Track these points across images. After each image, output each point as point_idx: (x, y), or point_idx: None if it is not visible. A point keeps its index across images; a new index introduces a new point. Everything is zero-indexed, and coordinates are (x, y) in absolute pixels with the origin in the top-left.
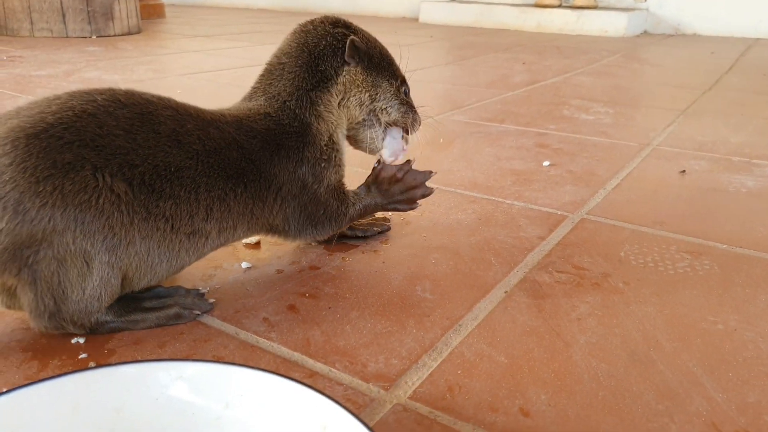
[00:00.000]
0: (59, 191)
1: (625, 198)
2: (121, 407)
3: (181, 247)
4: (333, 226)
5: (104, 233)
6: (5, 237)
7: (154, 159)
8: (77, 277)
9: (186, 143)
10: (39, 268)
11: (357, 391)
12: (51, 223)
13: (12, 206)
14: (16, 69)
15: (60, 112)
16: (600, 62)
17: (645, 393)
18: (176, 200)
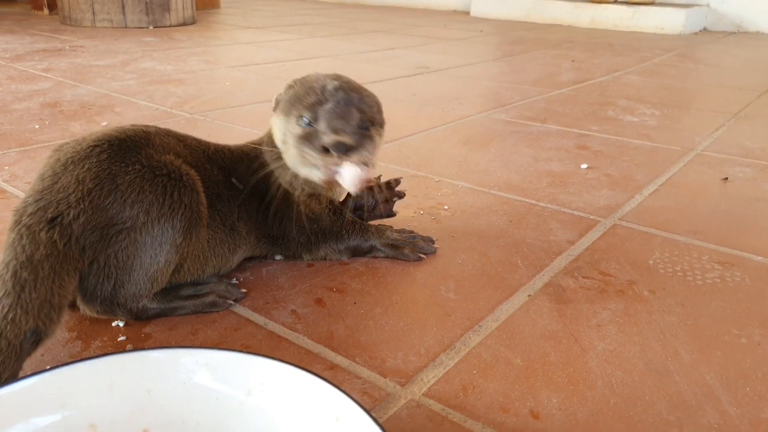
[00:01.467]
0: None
1: (661, 204)
2: (151, 389)
3: (225, 240)
4: (330, 241)
5: (191, 212)
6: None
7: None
8: (148, 260)
9: (214, 159)
10: (114, 251)
11: (374, 385)
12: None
13: (107, 185)
14: (77, 58)
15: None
16: (652, 61)
17: (657, 403)
18: (221, 198)
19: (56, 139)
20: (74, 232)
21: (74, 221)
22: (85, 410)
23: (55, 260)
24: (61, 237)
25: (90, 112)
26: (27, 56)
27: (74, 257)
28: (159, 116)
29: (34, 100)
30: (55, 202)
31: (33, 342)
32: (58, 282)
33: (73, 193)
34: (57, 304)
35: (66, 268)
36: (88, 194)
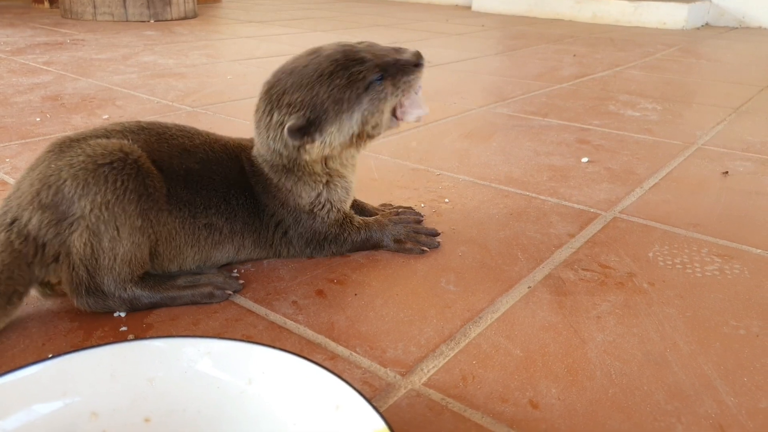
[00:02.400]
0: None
1: (661, 198)
2: (153, 377)
3: (200, 235)
4: (332, 249)
5: (138, 196)
6: (49, 213)
7: (170, 159)
8: (108, 243)
9: (194, 152)
10: (72, 241)
11: (374, 375)
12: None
13: (54, 184)
14: (78, 52)
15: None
16: (654, 56)
17: (655, 393)
18: (190, 190)
19: (57, 132)
20: (30, 233)
21: (28, 223)
22: (87, 398)
23: (8, 256)
24: (18, 237)
25: (91, 105)
26: (28, 49)
27: (29, 254)
28: (160, 109)
29: (36, 93)
30: (14, 206)
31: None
32: (8, 273)
33: (26, 197)
34: (3, 292)
35: (19, 264)
36: (37, 195)
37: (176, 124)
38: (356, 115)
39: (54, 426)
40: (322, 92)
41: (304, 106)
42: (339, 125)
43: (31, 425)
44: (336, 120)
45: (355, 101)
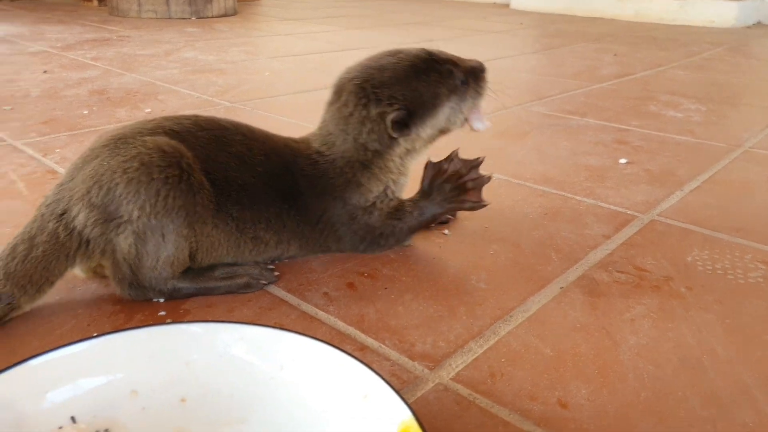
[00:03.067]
0: (145, 169)
1: (702, 201)
2: (189, 360)
3: (245, 247)
4: (391, 243)
5: (186, 209)
6: (97, 212)
7: (225, 171)
8: (153, 247)
9: (251, 164)
10: (118, 242)
11: (403, 368)
12: (135, 197)
13: (105, 185)
14: (123, 48)
15: (154, 130)
16: (700, 55)
17: (690, 398)
18: (242, 206)
19: (103, 124)
20: (76, 227)
21: (76, 217)
22: (128, 376)
23: (50, 246)
24: (64, 230)
25: (135, 99)
26: (77, 45)
27: (74, 248)
28: (200, 104)
29: (83, 87)
30: (66, 198)
31: (6, 305)
32: (44, 263)
33: (77, 192)
34: (36, 281)
35: (58, 255)
36: (87, 193)
37: (232, 122)
38: (447, 110)
39: (97, 401)
40: (420, 87)
41: (406, 99)
42: (432, 120)
43: (77, 399)
44: (431, 114)
45: (447, 98)
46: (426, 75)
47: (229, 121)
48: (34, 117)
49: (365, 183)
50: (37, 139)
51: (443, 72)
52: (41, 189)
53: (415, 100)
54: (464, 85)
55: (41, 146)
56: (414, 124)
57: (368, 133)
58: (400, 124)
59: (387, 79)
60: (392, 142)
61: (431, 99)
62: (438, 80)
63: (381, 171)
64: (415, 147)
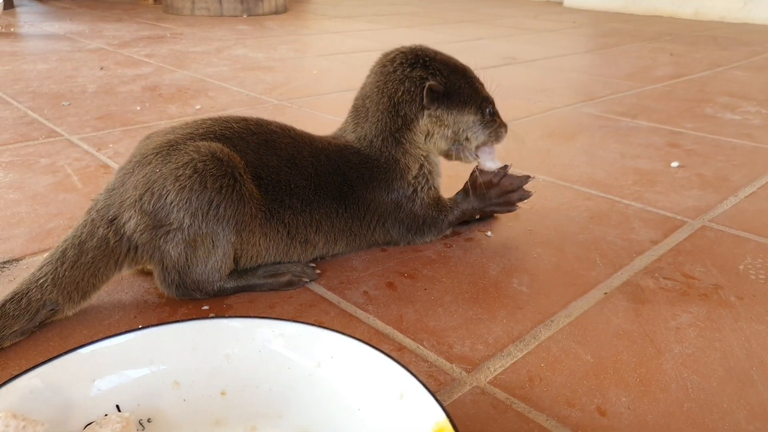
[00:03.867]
0: (198, 177)
1: (758, 208)
2: (230, 354)
3: (294, 252)
4: (433, 233)
5: (236, 218)
6: (147, 218)
7: (277, 176)
8: (202, 254)
9: (302, 166)
10: (167, 249)
11: (440, 370)
12: (186, 204)
13: (157, 192)
14: (176, 45)
15: (205, 135)
16: (762, 55)
17: (736, 411)
18: (294, 211)
19: (154, 120)
20: (126, 232)
21: (126, 223)
22: (171, 368)
23: (99, 252)
24: (114, 235)
25: (185, 95)
26: (132, 43)
27: (122, 253)
28: (249, 101)
29: (137, 84)
30: (117, 204)
31: (50, 311)
32: (93, 270)
33: (129, 198)
34: (83, 288)
35: (106, 261)
36: (139, 200)
37: (279, 124)
38: (471, 118)
39: (142, 390)
40: (462, 82)
41: (447, 80)
42: (458, 115)
43: (122, 387)
44: (459, 109)
45: (476, 109)
46: (471, 78)
47: (277, 124)
48: (90, 112)
49: (401, 158)
50: (92, 134)
51: (482, 90)
52: (95, 183)
53: (453, 87)
54: (491, 116)
55: (96, 141)
56: (443, 105)
57: (404, 92)
58: (435, 95)
59: (438, 58)
60: (419, 112)
61: (466, 97)
62: (477, 89)
63: (411, 146)
64: (434, 133)
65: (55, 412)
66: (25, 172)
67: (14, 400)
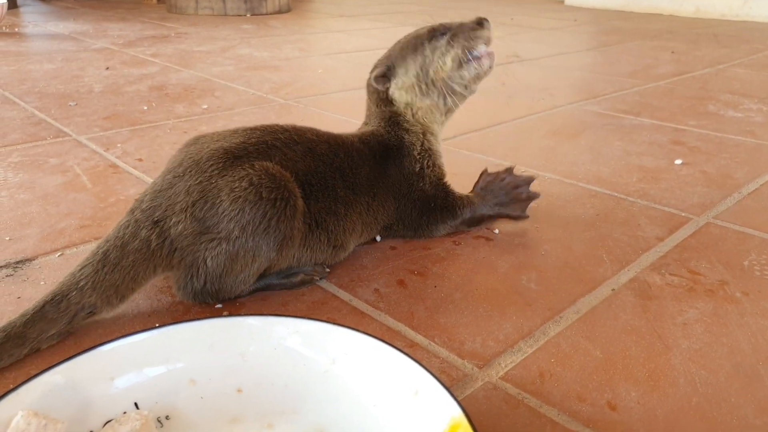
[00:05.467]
0: (254, 189)
1: (761, 204)
2: (245, 352)
3: (327, 255)
4: (447, 219)
5: (284, 233)
6: (197, 224)
7: (324, 182)
8: (239, 267)
9: (341, 169)
10: (205, 256)
11: (452, 366)
12: (239, 215)
13: (211, 200)
14: (181, 44)
15: (257, 144)
16: (763, 53)
17: (744, 406)
18: (337, 216)
19: (162, 120)
20: (170, 235)
21: (173, 227)
22: (187, 366)
23: (140, 256)
24: (157, 238)
25: (192, 95)
26: (137, 42)
27: (161, 256)
28: (255, 101)
29: (143, 83)
30: (164, 206)
31: (87, 313)
32: (132, 274)
33: (180, 203)
34: (122, 291)
35: (146, 265)
36: (192, 206)
37: (310, 128)
38: (419, 58)
39: (159, 388)
40: (396, 47)
41: (389, 60)
42: (405, 67)
43: (140, 386)
44: (402, 63)
45: (419, 48)
46: (410, 38)
47: (309, 128)
48: (98, 112)
49: (405, 135)
50: (100, 134)
51: (419, 30)
52: (104, 182)
53: (391, 57)
54: (442, 37)
55: (104, 141)
56: (393, 75)
57: (371, 95)
58: (381, 78)
59: (386, 53)
60: (385, 95)
61: (401, 51)
62: (412, 36)
63: (409, 125)
64: (413, 99)
65: (74, 410)
66: (34, 172)
67: (34, 399)
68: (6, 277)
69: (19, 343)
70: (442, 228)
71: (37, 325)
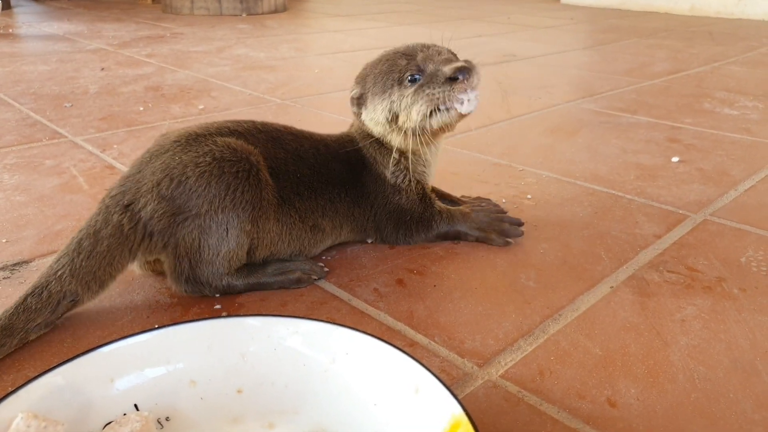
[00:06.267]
0: (217, 164)
1: (758, 201)
2: (245, 352)
3: (305, 238)
4: (421, 231)
5: (253, 204)
6: (166, 204)
7: (285, 166)
8: (215, 242)
9: (305, 158)
10: (182, 235)
11: (452, 364)
12: (205, 190)
13: (177, 177)
14: (177, 45)
15: (219, 129)
16: (758, 50)
17: (743, 401)
18: (302, 197)
19: (158, 120)
20: (142, 218)
21: (143, 209)
22: (187, 367)
23: (114, 240)
24: (129, 221)
25: (188, 95)
26: (132, 43)
27: (136, 240)
28: (252, 101)
29: (139, 84)
30: (132, 190)
31: (70, 301)
32: (108, 259)
33: (146, 183)
34: (100, 277)
35: (121, 250)
36: (158, 185)
37: (283, 125)
38: (386, 102)
39: (159, 389)
40: (370, 74)
41: (360, 80)
42: (374, 105)
43: (140, 387)
44: (372, 99)
45: (388, 89)
46: (380, 65)
47: (278, 124)
48: (93, 113)
49: (376, 155)
50: (96, 135)
51: (393, 66)
52: (101, 184)
53: (366, 83)
54: (411, 85)
55: (100, 142)
56: (364, 105)
57: (351, 107)
58: (355, 99)
59: (365, 69)
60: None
61: (373, 86)
62: (385, 71)
63: (383, 146)
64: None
65: (74, 411)
66: (30, 173)
67: (34, 401)
68: (3, 279)
69: (8, 334)
70: (417, 238)
71: (21, 316)
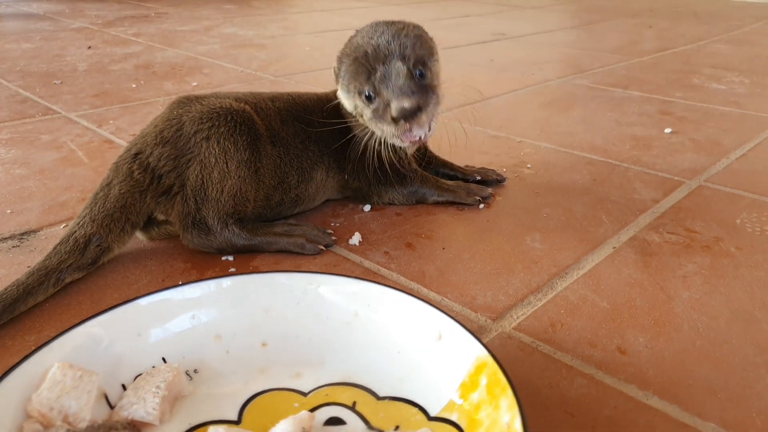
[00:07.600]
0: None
1: (749, 168)
2: (269, 308)
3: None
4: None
5: (247, 134)
6: (169, 147)
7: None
8: (218, 175)
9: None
10: (187, 176)
11: (466, 318)
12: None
13: (175, 124)
14: (163, 24)
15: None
16: (742, 29)
17: (744, 346)
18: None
19: (152, 97)
20: (150, 163)
21: (150, 155)
22: (212, 321)
23: (126, 185)
24: (139, 167)
25: (180, 72)
26: (117, 22)
27: (145, 183)
28: (245, 78)
29: (129, 62)
30: (139, 143)
31: (97, 246)
32: (122, 201)
33: (149, 135)
34: (117, 219)
35: (132, 192)
36: (160, 133)
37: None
38: (352, 102)
39: (185, 344)
40: (344, 62)
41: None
42: (344, 93)
43: (166, 341)
44: (342, 87)
45: (353, 92)
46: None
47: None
48: (85, 90)
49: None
50: (91, 111)
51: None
52: (101, 157)
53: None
54: (369, 100)
55: (95, 117)
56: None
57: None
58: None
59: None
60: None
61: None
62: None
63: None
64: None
65: (106, 363)
66: (27, 148)
67: (67, 352)
68: (13, 248)
69: (43, 274)
70: (392, 193)
71: (53, 258)
